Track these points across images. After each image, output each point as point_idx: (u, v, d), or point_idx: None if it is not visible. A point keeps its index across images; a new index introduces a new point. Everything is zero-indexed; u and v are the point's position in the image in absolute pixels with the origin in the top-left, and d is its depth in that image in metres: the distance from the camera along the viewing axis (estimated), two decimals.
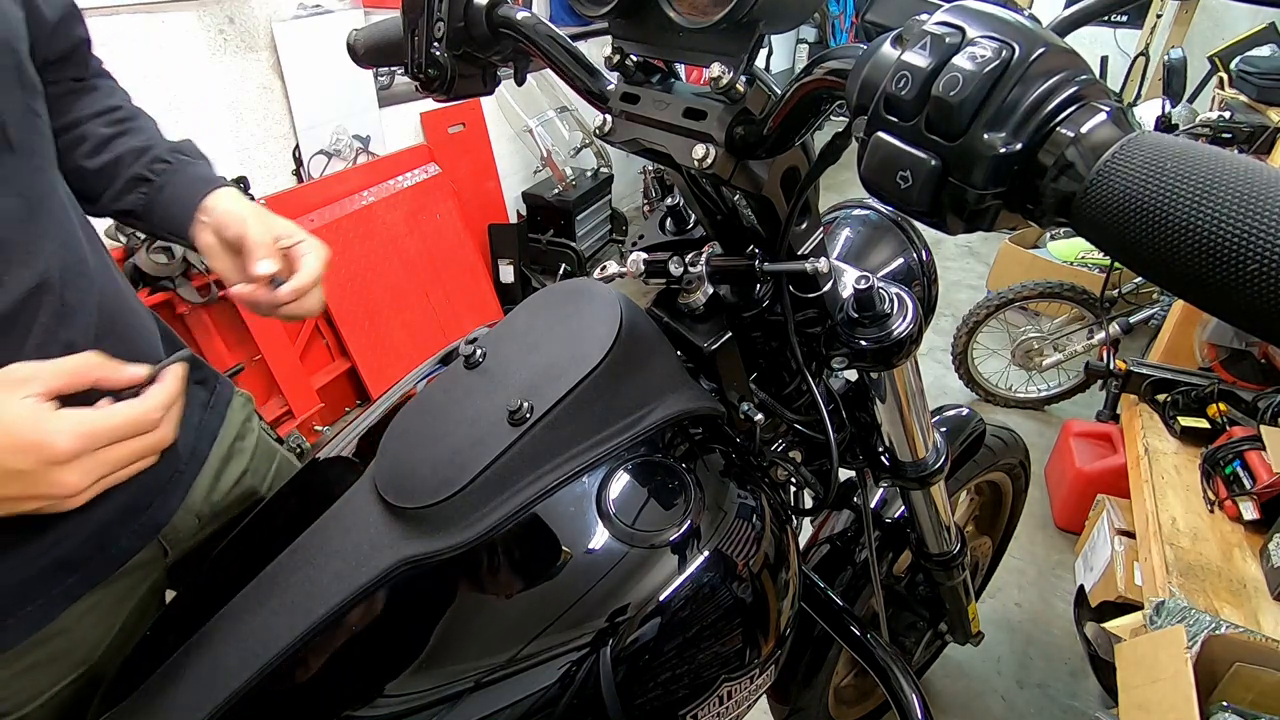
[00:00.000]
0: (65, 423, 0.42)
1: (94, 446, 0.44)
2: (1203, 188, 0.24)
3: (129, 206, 0.64)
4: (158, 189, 0.63)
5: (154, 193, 0.63)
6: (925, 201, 0.31)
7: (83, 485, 0.44)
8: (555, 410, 0.52)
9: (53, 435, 0.42)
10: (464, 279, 2.63)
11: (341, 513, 0.56)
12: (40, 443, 0.41)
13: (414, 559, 0.50)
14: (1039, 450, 2.10)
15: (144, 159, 0.64)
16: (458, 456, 0.52)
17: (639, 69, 0.52)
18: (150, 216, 0.64)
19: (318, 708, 0.48)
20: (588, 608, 0.49)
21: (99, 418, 0.44)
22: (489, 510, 0.50)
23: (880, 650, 0.75)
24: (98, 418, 0.44)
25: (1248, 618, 1.18)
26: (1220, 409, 1.59)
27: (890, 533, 0.95)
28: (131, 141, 0.64)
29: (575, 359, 0.54)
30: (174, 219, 0.63)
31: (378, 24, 0.65)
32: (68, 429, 0.42)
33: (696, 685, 0.53)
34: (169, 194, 0.63)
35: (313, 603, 0.50)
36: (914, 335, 0.54)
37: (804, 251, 0.56)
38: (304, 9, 2.13)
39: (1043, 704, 1.49)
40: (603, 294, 0.58)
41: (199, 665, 0.51)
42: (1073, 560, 1.76)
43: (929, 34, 0.31)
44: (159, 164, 0.64)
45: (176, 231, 0.64)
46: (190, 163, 0.66)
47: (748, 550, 0.55)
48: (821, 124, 0.45)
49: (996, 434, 1.09)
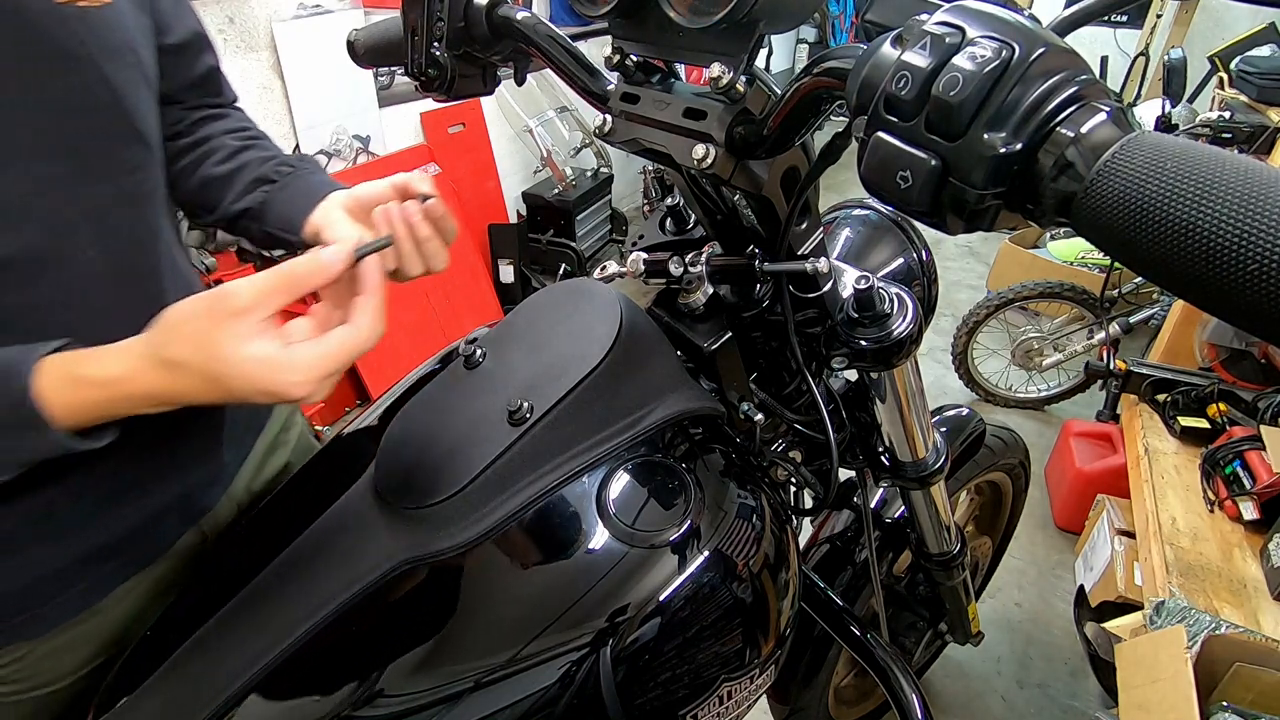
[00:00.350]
0: (300, 372, 0.43)
1: (325, 380, 0.44)
2: (1203, 188, 0.24)
3: (247, 205, 0.66)
4: (279, 188, 0.65)
5: (274, 191, 0.65)
6: (925, 201, 0.31)
7: (321, 398, 0.45)
8: (555, 410, 0.52)
9: (291, 386, 0.43)
10: (464, 279, 2.63)
11: (341, 513, 0.56)
12: (281, 392, 0.43)
13: (414, 559, 0.50)
14: (1039, 450, 2.10)
15: (268, 165, 0.67)
16: (458, 456, 0.52)
17: (639, 69, 0.52)
18: (266, 214, 0.65)
19: (318, 707, 0.48)
20: (588, 608, 0.49)
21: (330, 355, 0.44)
22: (489, 510, 0.50)
23: (880, 650, 0.75)
24: (329, 354, 0.44)
25: (1248, 618, 1.18)
26: (1220, 409, 1.59)
27: (890, 533, 0.95)
28: (259, 153, 0.68)
29: (575, 359, 0.54)
30: (290, 215, 0.63)
31: (378, 24, 0.65)
32: (304, 378, 0.43)
33: (696, 685, 0.53)
34: (289, 193, 0.65)
35: (313, 603, 0.50)
36: (914, 335, 0.54)
37: (804, 251, 0.56)
38: (304, 9, 2.13)
39: (1043, 704, 1.49)
40: (603, 294, 0.58)
41: (199, 665, 0.51)
42: (1073, 560, 1.76)
43: (929, 34, 0.31)
44: (283, 167, 0.67)
45: (289, 229, 0.64)
46: (313, 170, 0.68)
47: (748, 550, 0.55)
48: (821, 124, 0.45)
49: (996, 434, 1.09)
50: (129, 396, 0.44)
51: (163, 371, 0.43)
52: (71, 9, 0.47)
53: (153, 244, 0.58)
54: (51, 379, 0.43)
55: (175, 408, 0.45)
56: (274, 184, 0.65)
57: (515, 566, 0.52)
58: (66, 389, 0.43)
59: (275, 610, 0.51)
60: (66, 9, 0.47)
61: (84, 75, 0.49)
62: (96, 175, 0.51)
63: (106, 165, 0.52)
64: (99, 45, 0.49)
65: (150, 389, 0.44)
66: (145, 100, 0.55)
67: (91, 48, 0.49)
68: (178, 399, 0.44)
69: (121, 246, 0.54)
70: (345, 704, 0.47)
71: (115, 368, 0.43)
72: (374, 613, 0.50)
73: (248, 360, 0.42)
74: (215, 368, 0.42)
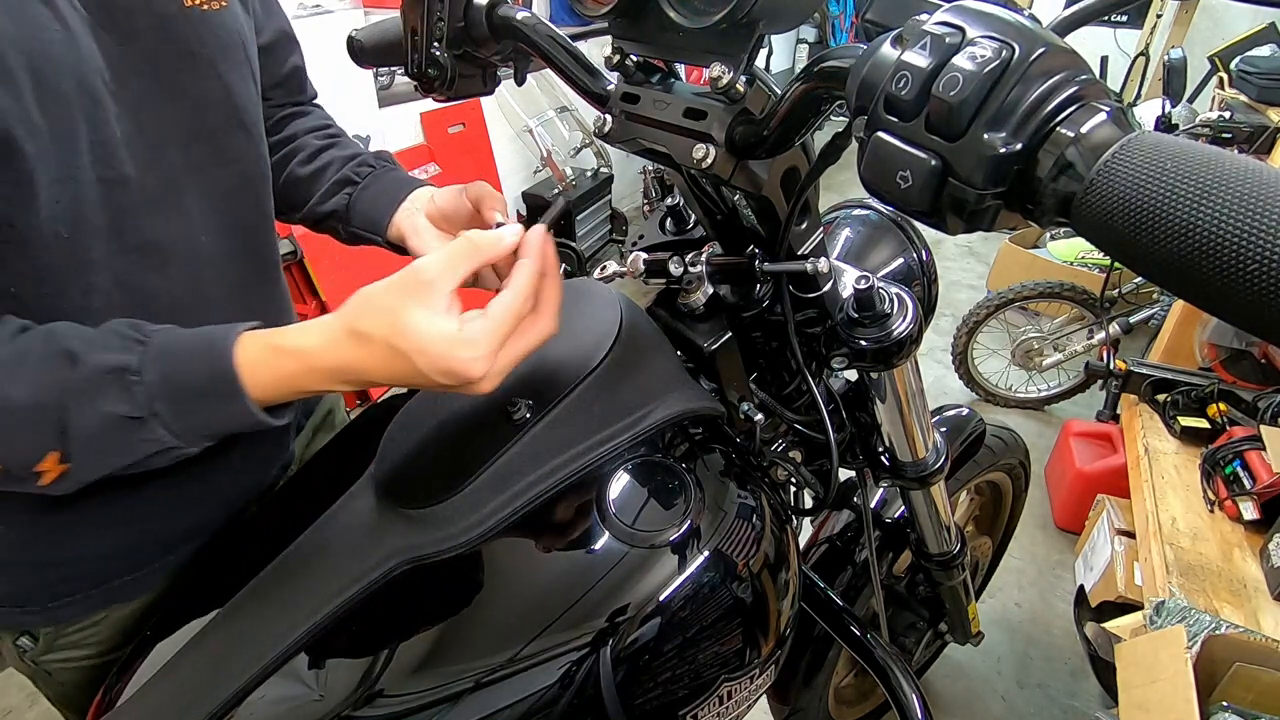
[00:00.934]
0: (480, 348, 0.44)
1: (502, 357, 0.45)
2: (1203, 188, 0.24)
3: (333, 207, 0.70)
4: (362, 189, 0.69)
5: (357, 193, 0.69)
6: (925, 201, 0.31)
7: (493, 388, 0.46)
8: (555, 410, 0.52)
9: (469, 364, 0.43)
10: None
11: (341, 512, 0.56)
12: (461, 371, 0.44)
13: (414, 559, 0.50)
14: (1039, 450, 2.10)
15: (350, 164, 0.70)
16: (457, 457, 0.52)
17: (639, 69, 0.52)
18: (351, 215, 0.69)
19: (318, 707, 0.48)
20: (588, 608, 0.49)
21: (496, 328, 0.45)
22: (489, 510, 0.50)
23: (880, 650, 0.75)
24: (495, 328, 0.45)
25: (1248, 618, 1.18)
26: (1220, 409, 1.59)
27: (890, 533, 0.95)
28: (340, 152, 0.72)
29: (575, 359, 0.54)
30: (374, 217, 0.68)
31: (378, 24, 0.65)
32: (479, 352, 0.44)
33: (696, 685, 0.53)
34: (372, 193, 0.69)
35: (312, 603, 0.50)
36: (914, 335, 0.54)
37: (804, 251, 0.56)
38: (304, 9, 2.13)
39: (1043, 704, 1.49)
40: (603, 294, 0.58)
41: (200, 664, 0.51)
42: (1073, 560, 1.76)
43: (929, 34, 0.31)
44: (364, 168, 0.70)
45: (374, 229, 0.68)
46: (393, 169, 0.71)
47: (748, 550, 0.55)
48: (821, 124, 0.45)
49: (996, 434, 1.09)
50: (319, 369, 0.46)
51: (353, 344, 0.45)
52: (195, 11, 0.53)
53: (266, 228, 0.63)
54: (250, 352, 0.46)
55: (357, 388, 0.47)
56: (356, 185, 0.69)
57: (515, 566, 0.52)
58: (263, 360, 0.46)
59: (275, 610, 0.51)
60: (191, 11, 0.53)
61: (203, 71, 0.54)
62: (220, 163, 0.57)
63: (224, 154, 0.57)
64: (216, 44, 0.55)
65: (340, 361, 0.45)
66: (252, 94, 0.60)
67: (210, 47, 0.54)
68: (362, 375, 0.46)
69: (238, 231, 0.59)
70: (345, 704, 0.47)
71: (310, 339, 0.46)
72: (374, 612, 0.50)
73: (431, 334, 0.43)
74: (401, 342, 0.43)
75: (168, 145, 0.53)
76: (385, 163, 0.72)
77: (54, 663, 0.61)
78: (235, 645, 0.50)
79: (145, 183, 0.51)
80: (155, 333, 0.46)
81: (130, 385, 0.43)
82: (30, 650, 0.60)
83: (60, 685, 0.62)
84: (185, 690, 0.50)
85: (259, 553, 0.56)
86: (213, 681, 0.49)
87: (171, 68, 0.52)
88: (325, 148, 0.72)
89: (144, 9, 0.49)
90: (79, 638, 0.60)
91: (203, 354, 0.45)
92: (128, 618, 0.62)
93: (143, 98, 0.50)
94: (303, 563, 0.53)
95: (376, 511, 0.54)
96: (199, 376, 0.45)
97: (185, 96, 0.53)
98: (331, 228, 0.72)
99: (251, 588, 0.53)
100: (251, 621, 0.51)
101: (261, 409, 0.47)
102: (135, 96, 0.50)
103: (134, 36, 0.49)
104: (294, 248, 2.08)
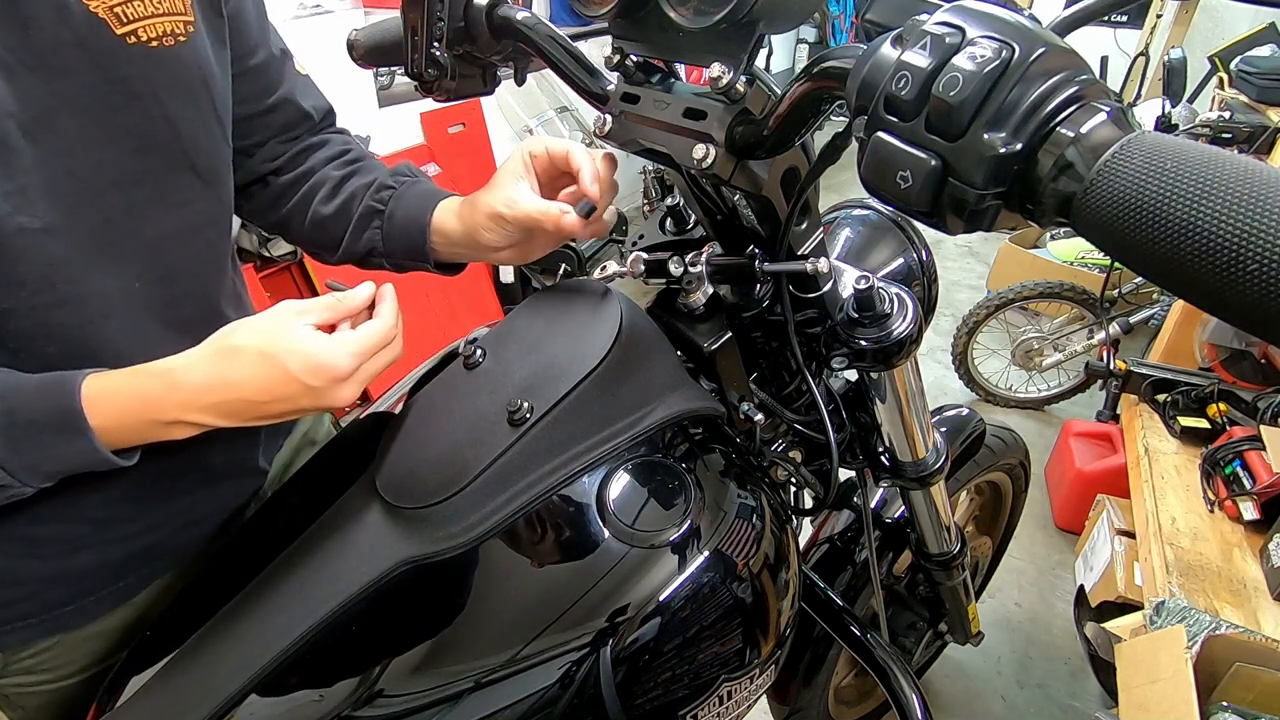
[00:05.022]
0: (344, 346, 0.50)
1: (363, 363, 0.51)
2: (1202, 188, 0.24)
3: (369, 246, 0.67)
4: (388, 218, 0.66)
5: (386, 223, 0.66)
6: (925, 201, 0.31)
7: (354, 396, 0.51)
8: (555, 410, 0.52)
9: (338, 357, 0.49)
10: (464, 279, 2.63)
11: (341, 513, 0.56)
12: (331, 365, 0.49)
13: (414, 559, 0.50)
14: (1039, 450, 2.10)
15: (370, 191, 0.67)
16: (457, 457, 0.52)
17: (639, 69, 0.52)
18: (391, 250, 0.67)
19: (318, 707, 0.48)
20: (588, 608, 0.49)
21: (365, 339, 0.51)
22: (489, 511, 0.50)
23: (880, 650, 0.75)
24: (364, 339, 0.51)
25: (1248, 618, 1.18)
26: (1220, 409, 1.59)
27: (890, 533, 0.95)
28: (360, 179, 0.68)
29: (575, 359, 0.54)
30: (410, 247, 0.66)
31: (378, 24, 0.65)
32: (347, 351, 0.49)
33: (696, 685, 0.53)
34: (399, 220, 0.66)
35: (312, 603, 0.50)
36: (914, 335, 0.54)
37: (804, 251, 0.56)
38: (304, 9, 2.13)
39: (1043, 704, 1.49)
40: (603, 294, 0.58)
41: (199, 665, 0.51)
42: (1073, 560, 1.76)
43: (929, 34, 0.31)
44: (384, 191, 0.67)
45: (416, 258, 0.66)
46: (413, 182, 0.68)
47: (748, 550, 0.55)
48: (821, 124, 0.45)
49: (996, 434, 1.09)
50: (183, 386, 0.47)
51: (221, 359, 0.48)
52: (138, 48, 0.49)
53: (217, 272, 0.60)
54: (101, 381, 0.46)
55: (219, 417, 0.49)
56: (381, 214, 0.66)
57: (515, 567, 0.52)
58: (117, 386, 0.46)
59: (275, 610, 0.51)
60: (134, 49, 0.49)
61: (146, 111, 0.51)
62: (164, 207, 0.54)
63: (170, 199, 0.54)
64: (164, 82, 0.51)
65: (206, 376, 0.47)
66: (208, 135, 0.56)
67: (156, 84, 0.51)
68: (227, 389, 0.48)
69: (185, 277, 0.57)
70: (345, 704, 0.47)
71: (176, 360, 0.48)
72: (374, 613, 0.50)
73: (303, 336, 0.48)
74: (273, 346, 0.47)
75: (105, 189, 0.49)
76: (403, 178, 0.68)
77: (11, 687, 0.59)
78: (235, 646, 0.50)
79: (79, 230, 0.48)
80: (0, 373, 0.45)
81: None
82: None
83: (22, 709, 0.60)
84: (185, 690, 0.50)
85: (259, 553, 0.56)
86: (213, 682, 0.49)
87: (108, 106, 0.48)
88: (345, 178, 0.68)
89: (74, 44, 0.46)
90: (33, 663, 0.58)
91: (47, 388, 0.45)
92: (85, 642, 0.59)
93: (75, 139, 0.47)
94: (303, 563, 0.53)
95: (377, 512, 0.54)
96: (37, 411, 0.44)
97: (127, 137, 0.50)
98: (378, 264, 0.69)
99: (252, 587, 0.53)
100: (251, 622, 0.51)
101: (110, 449, 0.46)
102: (65, 138, 0.47)
103: (63, 73, 0.46)
104: (294, 248, 2.09)
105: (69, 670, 0.60)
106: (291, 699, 0.49)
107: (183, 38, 0.52)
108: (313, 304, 0.51)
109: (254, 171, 0.67)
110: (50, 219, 0.46)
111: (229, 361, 0.48)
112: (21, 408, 0.44)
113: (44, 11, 0.44)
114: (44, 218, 0.46)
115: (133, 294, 0.53)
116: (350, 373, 0.50)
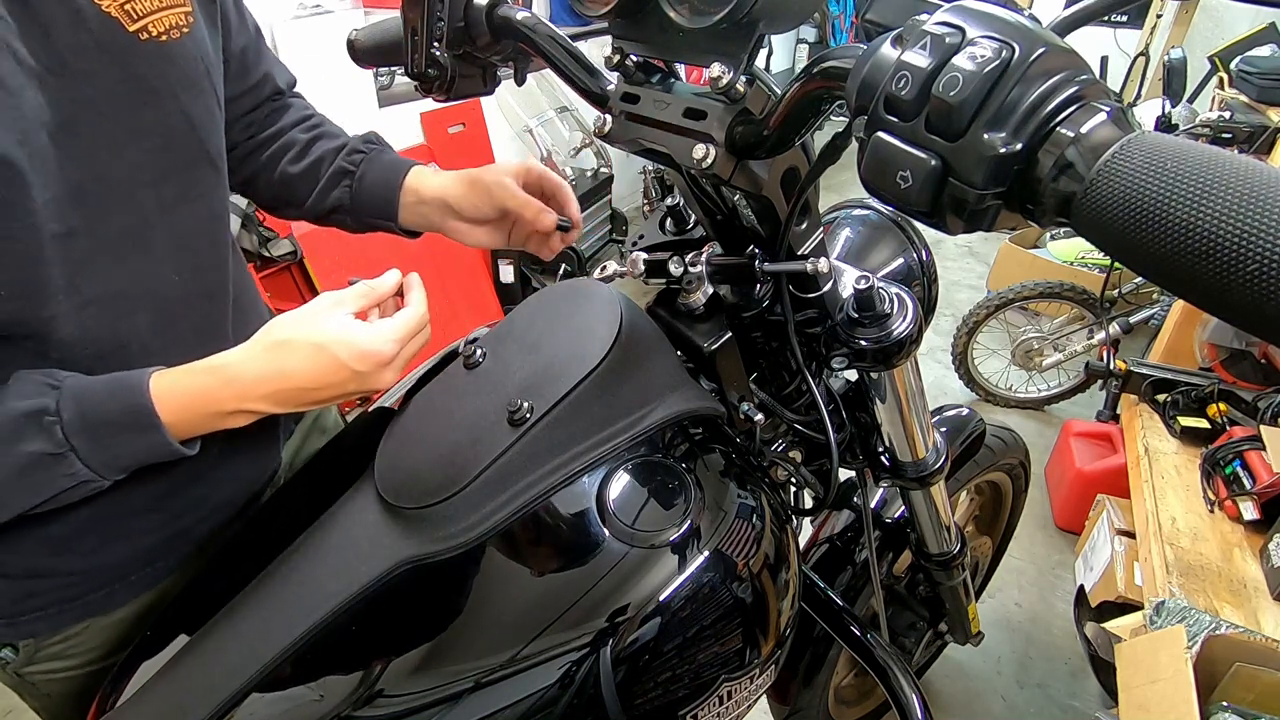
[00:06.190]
0: (386, 333, 0.53)
1: (403, 348, 0.54)
2: (1203, 188, 0.24)
3: (335, 202, 0.70)
4: (359, 179, 0.70)
5: (356, 183, 0.70)
6: (925, 201, 0.31)
7: (395, 379, 0.55)
8: (555, 410, 0.52)
9: (382, 343, 0.52)
10: (464, 279, 2.63)
11: (341, 512, 0.56)
12: (377, 350, 0.52)
13: (414, 559, 0.50)
14: (1039, 450, 2.10)
15: (341, 154, 0.70)
16: (457, 457, 0.52)
17: (639, 69, 0.52)
18: (357, 208, 0.70)
19: (318, 707, 0.48)
20: (588, 608, 0.49)
21: (403, 325, 0.54)
22: (489, 511, 0.50)
23: (880, 650, 0.75)
24: (402, 325, 0.54)
25: (1248, 618, 1.18)
26: (1220, 409, 1.59)
27: (890, 533, 0.95)
28: (328, 143, 0.71)
29: (575, 359, 0.54)
30: (379, 204, 0.70)
31: (378, 24, 0.65)
32: (389, 337, 0.53)
33: (697, 685, 0.53)
34: (369, 181, 0.70)
35: (313, 603, 0.50)
36: (914, 335, 0.54)
37: (804, 251, 0.56)
38: (304, 9, 2.13)
39: (1043, 704, 1.49)
40: (603, 294, 0.58)
41: (199, 665, 0.51)
42: (1073, 560, 1.76)
43: (929, 34, 0.31)
44: (355, 154, 0.70)
45: (383, 215, 0.70)
46: (382, 150, 0.72)
47: (748, 550, 0.55)
48: (821, 124, 0.45)
49: (996, 434, 1.09)
50: (238, 380, 0.50)
51: (273, 352, 0.51)
52: (151, 44, 0.50)
53: (226, 263, 0.62)
54: (165, 380, 0.49)
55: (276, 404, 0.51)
56: (352, 174, 0.70)
57: (515, 567, 0.52)
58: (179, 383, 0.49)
59: (275, 610, 0.51)
60: (148, 44, 0.50)
61: (164, 107, 0.52)
62: (188, 200, 0.56)
63: (192, 191, 0.56)
64: (177, 76, 0.53)
65: (260, 369, 0.50)
66: (217, 124, 0.58)
67: (171, 79, 0.52)
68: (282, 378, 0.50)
69: (201, 269, 0.58)
70: (345, 704, 0.47)
71: (229, 355, 0.51)
72: (374, 613, 0.50)
73: (349, 325, 0.52)
74: (322, 336, 0.50)
75: (137, 187, 0.51)
76: (372, 145, 0.72)
77: (37, 674, 0.60)
78: (235, 646, 0.50)
79: (105, 231, 0.49)
80: (68, 377, 0.48)
81: (49, 425, 0.45)
82: (12, 662, 0.59)
83: (46, 697, 0.62)
84: (185, 690, 0.50)
85: (259, 553, 0.56)
86: (212, 682, 0.49)
87: (132, 105, 0.49)
88: (312, 141, 0.71)
89: (93, 46, 0.46)
90: (61, 649, 0.59)
91: (115, 390, 0.48)
92: (111, 627, 0.61)
93: (101, 143, 0.48)
94: (303, 563, 0.53)
95: (377, 512, 0.54)
96: (111, 412, 0.47)
97: (151, 134, 0.51)
98: (339, 220, 0.72)
99: (252, 587, 0.53)
100: (251, 622, 0.51)
101: (179, 440, 0.49)
102: (91, 142, 0.47)
103: (85, 76, 0.47)
104: (294, 248, 2.08)
105: (95, 655, 0.61)
106: (292, 698, 0.49)
107: (186, 29, 0.53)
108: (347, 294, 0.54)
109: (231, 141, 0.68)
110: (73, 222, 0.47)
111: (281, 353, 0.50)
112: (95, 409, 0.47)
113: (60, 15, 0.45)
114: (68, 222, 0.47)
115: (167, 288, 0.55)
116: (393, 357, 0.53)
